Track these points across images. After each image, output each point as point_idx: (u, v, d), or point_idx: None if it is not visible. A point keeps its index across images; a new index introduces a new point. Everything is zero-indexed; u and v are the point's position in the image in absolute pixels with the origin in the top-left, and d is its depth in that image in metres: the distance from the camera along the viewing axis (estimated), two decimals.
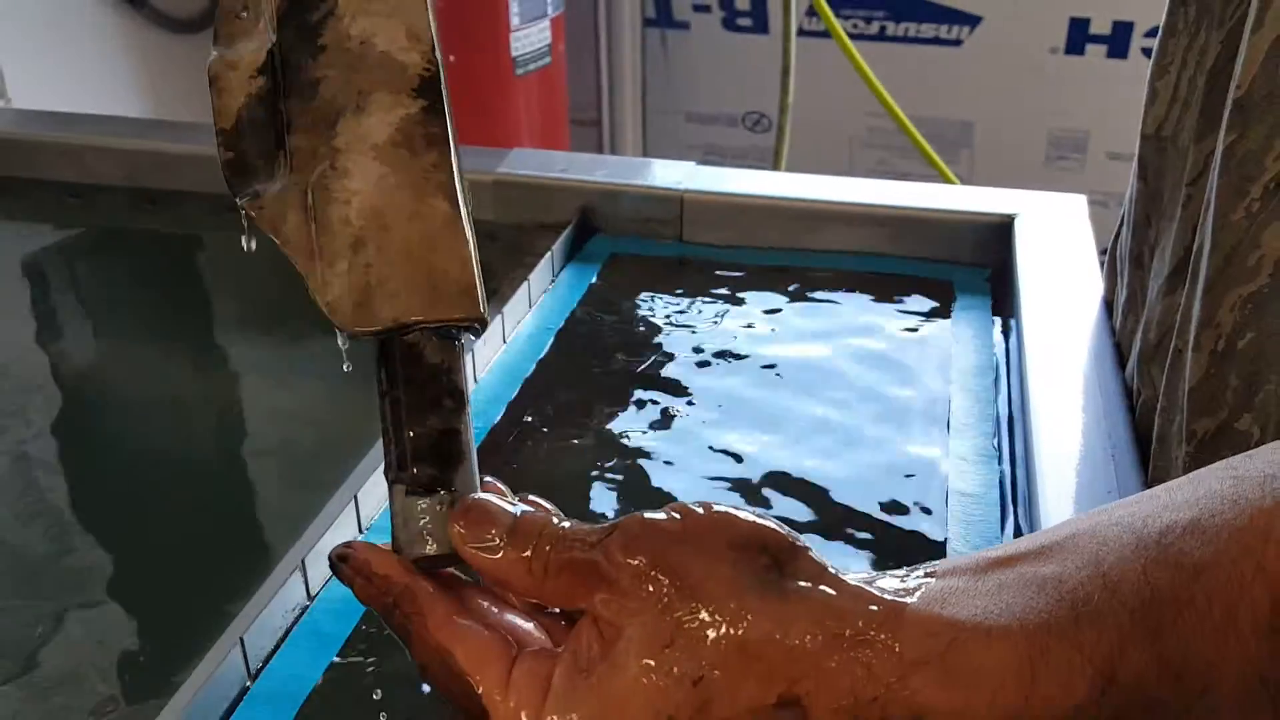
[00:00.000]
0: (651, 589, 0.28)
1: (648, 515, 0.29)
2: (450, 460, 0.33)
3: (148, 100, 1.64)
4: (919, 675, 0.26)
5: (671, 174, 0.83)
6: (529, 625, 0.32)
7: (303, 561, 0.49)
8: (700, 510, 0.29)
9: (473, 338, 0.37)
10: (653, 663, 0.27)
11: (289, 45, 0.35)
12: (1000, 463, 0.58)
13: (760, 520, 0.29)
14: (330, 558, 0.33)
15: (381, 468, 0.34)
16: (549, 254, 0.77)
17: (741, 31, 2.06)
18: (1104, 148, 1.94)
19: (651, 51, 2.12)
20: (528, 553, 0.30)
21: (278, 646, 0.47)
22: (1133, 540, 0.26)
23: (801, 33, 1.86)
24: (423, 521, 0.33)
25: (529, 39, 1.62)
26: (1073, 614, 0.25)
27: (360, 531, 0.54)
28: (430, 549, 0.32)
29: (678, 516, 0.29)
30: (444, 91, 0.35)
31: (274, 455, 0.64)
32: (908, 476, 0.57)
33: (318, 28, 0.35)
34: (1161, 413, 0.50)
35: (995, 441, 0.59)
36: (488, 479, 0.35)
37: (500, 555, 0.30)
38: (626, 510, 0.54)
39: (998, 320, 0.72)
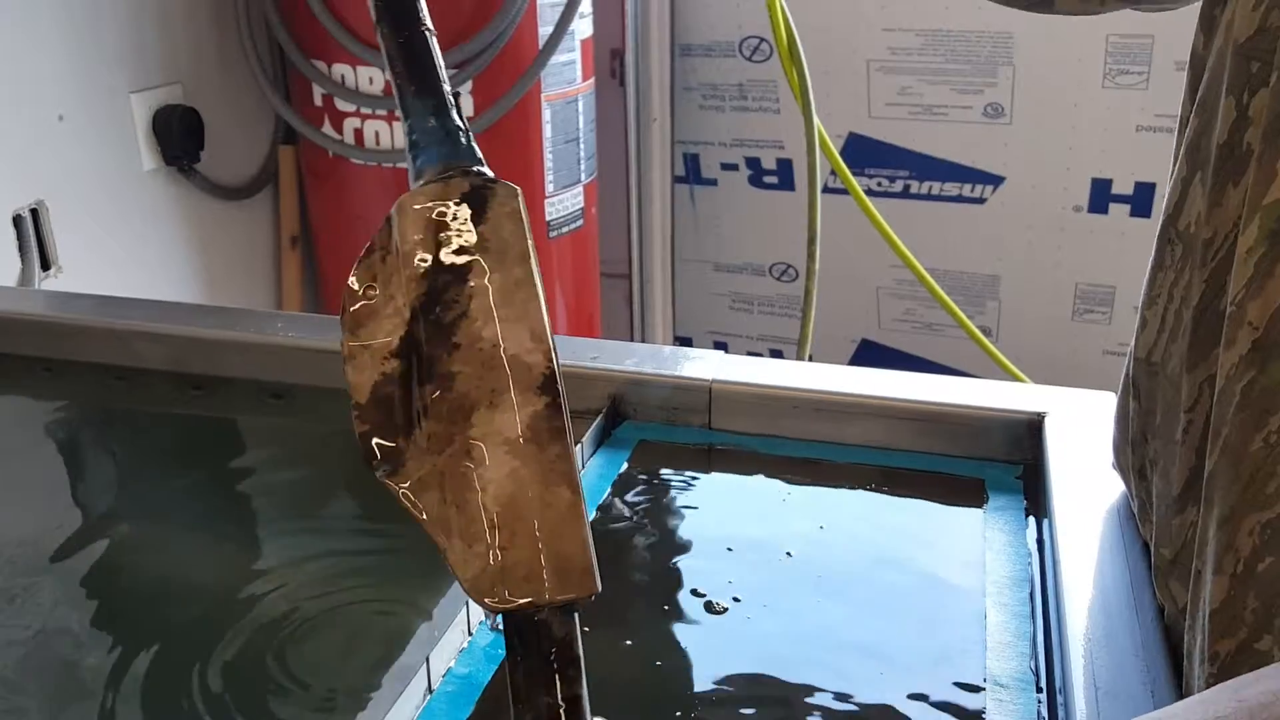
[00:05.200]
0: None
1: None
2: None
3: (198, 266, 1.68)
4: None
5: (700, 364, 0.84)
6: None
7: None
8: None
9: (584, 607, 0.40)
10: None
11: (426, 337, 0.38)
12: (1039, 689, 0.56)
13: None
14: None
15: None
16: (580, 444, 0.78)
17: (768, 189, 2.11)
18: (1131, 302, 1.95)
19: (681, 206, 2.18)
20: None
21: None
22: None
23: (827, 189, 1.91)
24: None
25: (563, 204, 1.67)
26: None
27: None
28: None
29: None
30: (561, 385, 0.39)
31: (293, 659, 0.63)
32: (946, 704, 0.55)
33: (452, 326, 0.39)
34: (1189, 629, 0.51)
35: (1032, 664, 0.58)
36: None
37: None
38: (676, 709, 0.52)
39: (1031, 522, 0.71)
